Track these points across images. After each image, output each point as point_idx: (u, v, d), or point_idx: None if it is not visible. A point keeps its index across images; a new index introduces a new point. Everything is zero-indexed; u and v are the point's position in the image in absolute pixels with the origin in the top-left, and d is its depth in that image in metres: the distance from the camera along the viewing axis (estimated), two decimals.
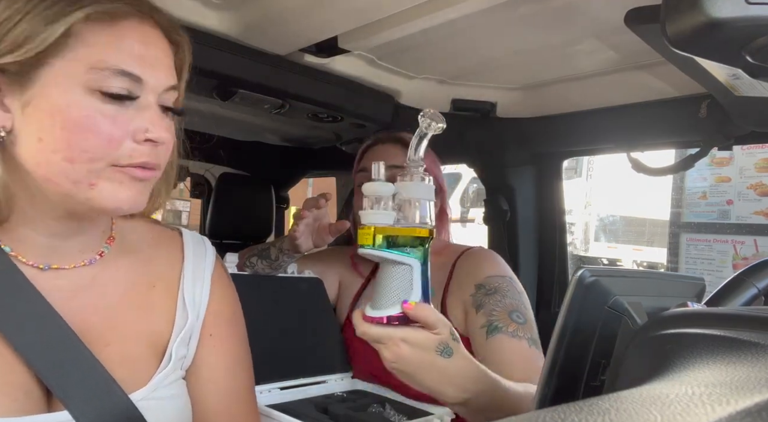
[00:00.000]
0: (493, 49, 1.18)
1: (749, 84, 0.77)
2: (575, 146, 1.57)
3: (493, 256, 1.24)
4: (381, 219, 0.71)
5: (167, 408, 0.68)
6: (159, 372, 0.68)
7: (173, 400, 0.69)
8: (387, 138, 1.31)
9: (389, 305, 0.71)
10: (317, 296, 1.34)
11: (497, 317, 1.09)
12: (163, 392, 0.68)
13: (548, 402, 0.53)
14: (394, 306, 0.71)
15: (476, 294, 1.14)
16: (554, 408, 0.25)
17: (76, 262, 0.67)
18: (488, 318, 1.09)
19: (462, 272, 1.21)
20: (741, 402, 0.24)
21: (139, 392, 0.65)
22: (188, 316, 0.73)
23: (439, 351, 0.71)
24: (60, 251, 0.66)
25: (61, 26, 0.56)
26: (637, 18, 0.81)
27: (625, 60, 1.17)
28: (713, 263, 3.52)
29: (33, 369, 0.60)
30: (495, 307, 1.10)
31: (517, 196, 1.58)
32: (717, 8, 0.46)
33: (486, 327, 1.08)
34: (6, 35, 0.56)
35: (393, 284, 0.72)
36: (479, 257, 1.24)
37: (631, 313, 0.53)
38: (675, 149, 1.79)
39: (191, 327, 0.73)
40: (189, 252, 0.77)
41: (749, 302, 0.67)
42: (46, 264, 0.65)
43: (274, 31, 1.12)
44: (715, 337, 0.34)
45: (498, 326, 1.07)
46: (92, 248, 0.69)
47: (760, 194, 3.37)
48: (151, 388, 0.67)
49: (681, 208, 3.74)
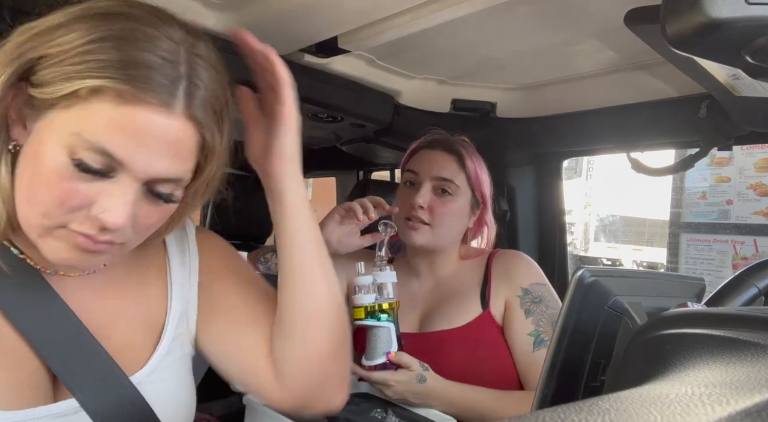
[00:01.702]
0: (493, 49, 1.18)
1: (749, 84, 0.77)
2: (575, 146, 1.57)
3: (532, 260, 1.28)
4: (367, 300, 1.10)
5: (166, 389, 0.70)
6: (155, 353, 0.70)
7: (171, 382, 0.71)
8: (439, 144, 1.28)
9: (378, 356, 1.09)
10: None
11: (543, 329, 1.17)
12: (161, 374, 0.70)
13: (548, 402, 0.53)
14: (381, 357, 1.09)
15: (524, 299, 1.20)
16: (554, 408, 0.25)
17: (80, 271, 0.68)
18: (536, 327, 1.17)
19: (501, 269, 1.25)
20: (741, 402, 0.24)
21: (137, 374, 0.67)
22: (181, 293, 0.75)
23: (417, 380, 1.08)
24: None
25: (75, 86, 0.54)
26: (637, 18, 0.81)
27: (625, 60, 1.17)
28: (713, 263, 3.52)
29: (40, 356, 0.62)
30: (542, 317, 1.18)
31: (517, 196, 1.58)
32: (717, 8, 0.46)
33: (534, 337, 1.17)
34: (45, 69, 0.56)
35: (379, 341, 1.10)
36: (519, 259, 1.28)
37: (631, 313, 0.53)
38: (675, 149, 1.79)
39: (185, 303, 0.75)
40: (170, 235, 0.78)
41: (749, 302, 0.67)
42: (53, 270, 0.66)
43: (274, 31, 1.12)
44: (715, 337, 0.34)
45: (543, 339, 1.16)
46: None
47: (759, 194, 3.37)
48: (148, 370, 0.68)
49: (681, 208, 3.74)
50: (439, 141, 1.28)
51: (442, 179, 1.23)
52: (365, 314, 1.09)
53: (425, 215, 1.22)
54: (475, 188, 1.26)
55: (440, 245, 1.26)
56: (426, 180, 1.23)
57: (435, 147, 1.27)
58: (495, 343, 1.18)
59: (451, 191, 1.23)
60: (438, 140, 1.29)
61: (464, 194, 1.25)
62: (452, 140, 1.28)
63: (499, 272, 1.25)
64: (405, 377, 1.07)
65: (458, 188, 1.24)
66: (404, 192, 1.27)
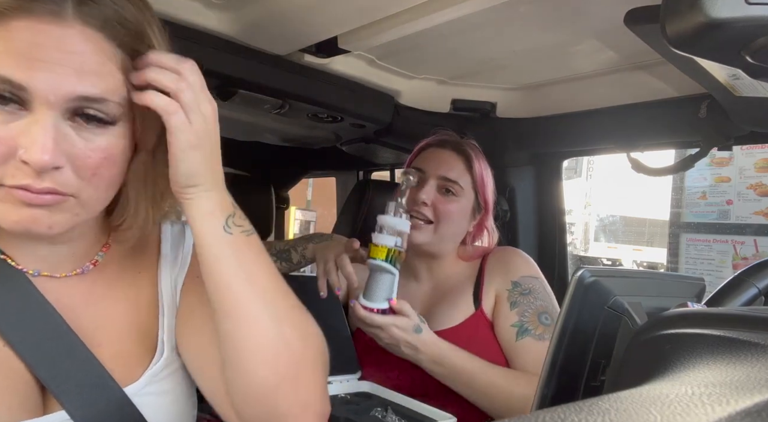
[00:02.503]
0: (493, 49, 1.18)
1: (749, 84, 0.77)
2: (575, 146, 1.57)
3: (526, 255, 1.29)
4: (390, 242, 1.09)
5: (162, 401, 0.67)
6: (152, 366, 0.67)
7: (168, 394, 0.68)
8: (449, 144, 1.28)
9: (380, 300, 1.10)
10: (327, 296, 1.34)
11: (528, 319, 1.18)
12: (158, 386, 0.67)
13: (548, 402, 0.53)
14: (383, 302, 1.10)
15: (513, 291, 1.22)
16: (554, 408, 0.25)
17: (67, 271, 0.66)
18: (520, 318, 1.19)
19: (495, 266, 1.27)
20: (741, 402, 0.24)
21: (132, 386, 0.64)
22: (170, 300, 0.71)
23: (414, 330, 1.10)
24: (50, 260, 0.65)
25: None
26: (637, 18, 0.81)
27: (625, 60, 1.17)
28: (713, 263, 3.52)
29: (28, 363, 0.59)
30: (527, 308, 1.19)
31: (517, 196, 1.58)
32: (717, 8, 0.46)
33: (517, 327, 1.18)
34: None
35: (383, 286, 1.10)
36: (514, 254, 1.29)
37: (631, 313, 0.53)
38: (675, 149, 1.79)
39: (173, 309, 0.71)
40: (166, 238, 0.75)
41: (749, 302, 0.67)
42: (36, 270, 0.64)
43: (274, 31, 1.12)
44: (715, 337, 0.34)
45: (527, 328, 1.17)
46: (85, 256, 0.68)
47: (759, 194, 3.37)
48: (143, 383, 0.65)
49: (681, 208, 3.74)
50: (449, 141, 1.28)
51: (448, 180, 1.23)
52: (386, 255, 1.09)
53: (429, 212, 1.22)
54: (479, 191, 1.26)
55: (440, 246, 1.26)
56: (432, 178, 1.24)
57: (444, 146, 1.27)
58: (487, 341, 1.19)
59: (455, 191, 1.24)
60: (448, 140, 1.29)
61: (468, 197, 1.25)
62: (462, 141, 1.29)
63: (492, 270, 1.26)
64: (405, 323, 1.09)
65: (462, 189, 1.24)
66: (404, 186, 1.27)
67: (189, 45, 0.71)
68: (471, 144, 1.28)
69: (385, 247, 1.09)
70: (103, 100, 0.55)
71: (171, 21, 0.99)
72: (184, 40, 0.70)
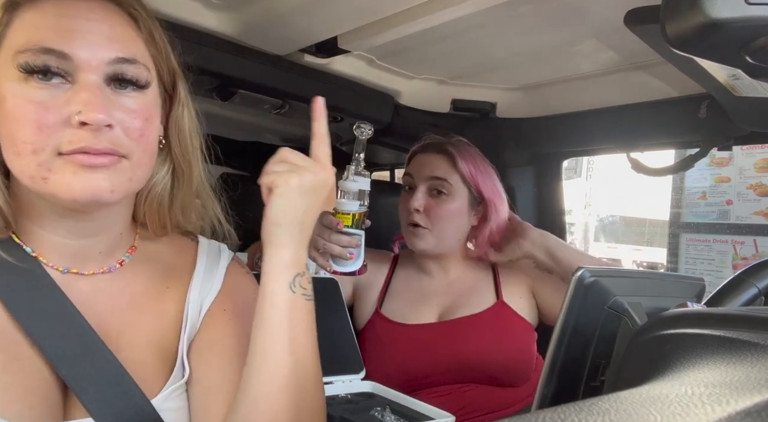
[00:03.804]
0: (493, 49, 1.18)
1: (749, 84, 0.77)
2: (575, 146, 1.57)
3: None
4: (353, 208, 1.08)
5: (178, 418, 0.66)
6: (172, 384, 0.66)
7: (181, 411, 0.68)
8: (431, 146, 1.30)
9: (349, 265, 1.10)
10: (331, 296, 1.33)
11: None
12: (173, 403, 0.66)
13: (548, 402, 0.53)
14: (351, 266, 1.10)
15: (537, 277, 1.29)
16: (554, 408, 0.25)
17: (95, 269, 0.66)
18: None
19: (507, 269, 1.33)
20: (741, 402, 0.24)
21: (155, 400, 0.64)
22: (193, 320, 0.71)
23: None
24: (79, 255, 0.65)
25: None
26: (637, 18, 0.81)
27: (625, 60, 1.17)
28: (713, 263, 3.51)
29: (50, 360, 0.59)
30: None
31: (517, 196, 1.57)
32: (717, 8, 0.46)
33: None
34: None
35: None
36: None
37: (631, 313, 0.53)
38: (675, 149, 1.79)
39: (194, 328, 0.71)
40: (202, 257, 0.75)
41: (749, 302, 0.67)
42: (66, 267, 0.64)
43: (274, 31, 1.12)
44: (715, 337, 0.34)
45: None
46: (113, 256, 0.69)
47: (759, 195, 3.37)
48: (161, 399, 0.65)
49: (681, 208, 3.74)
50: (431, 144, 1.31)
51: (436, 179, 1.25)
52: (351, 221, 1.09)
53: (422, 218, 1.24)
54: (472, 186, 1.26)
55: (443, 248, 1.28)
56: (420, 183, 1.26)
57: (427, 150, 1.30)
58: (513, 326, 1.25)
59: (445, 190, 1.25)
60: (430, 143, 1.31)
61: (460, 193, 1.26)
62: (444, 141, 1.30)
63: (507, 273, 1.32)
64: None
65: (452, 187, 1.25)
66: (403, 197, 1.30)
67: (189, 45, 0.71)
68: (456, 142, 1.29)
69: (349, 214, 1.09)
70: (135, 61, 0.60)
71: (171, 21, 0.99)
72: (184, 40, 0.71)
